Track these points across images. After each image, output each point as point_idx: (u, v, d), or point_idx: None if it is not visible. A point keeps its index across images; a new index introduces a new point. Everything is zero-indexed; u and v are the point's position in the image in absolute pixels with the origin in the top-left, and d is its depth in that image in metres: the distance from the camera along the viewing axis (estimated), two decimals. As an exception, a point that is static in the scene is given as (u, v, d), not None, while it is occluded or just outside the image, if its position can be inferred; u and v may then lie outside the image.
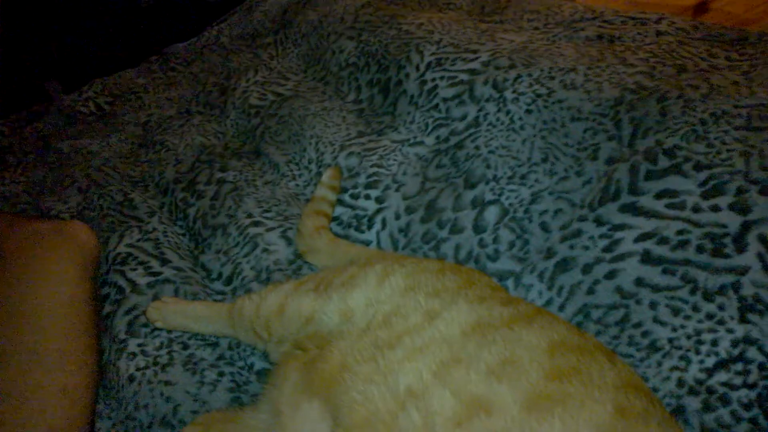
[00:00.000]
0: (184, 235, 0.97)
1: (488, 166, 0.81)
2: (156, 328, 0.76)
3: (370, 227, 0.85)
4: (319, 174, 0.95)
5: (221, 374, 0.71)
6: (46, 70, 1.75)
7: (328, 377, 0.54)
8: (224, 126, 1.21)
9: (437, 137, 0.92)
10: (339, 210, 0.90)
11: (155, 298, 0.80)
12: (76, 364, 0.70)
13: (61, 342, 0.71)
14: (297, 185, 1.00)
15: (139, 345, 0.74)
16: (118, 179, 1.12)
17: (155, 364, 0.72)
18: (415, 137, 0.95)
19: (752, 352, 0.52)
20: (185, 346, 0.74)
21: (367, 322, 0.57)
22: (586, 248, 0.66)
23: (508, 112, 0.86)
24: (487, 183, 0.79)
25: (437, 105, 0.95)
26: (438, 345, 0.50)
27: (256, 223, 0.89)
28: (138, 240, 0.91)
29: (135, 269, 0.85)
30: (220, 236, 0.91)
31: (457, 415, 0.43)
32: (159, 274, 0.84)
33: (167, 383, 0.69)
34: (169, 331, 0.76)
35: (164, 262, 0.87)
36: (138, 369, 0.71)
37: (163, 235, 0.93)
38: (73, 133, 1.34)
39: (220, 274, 0.86)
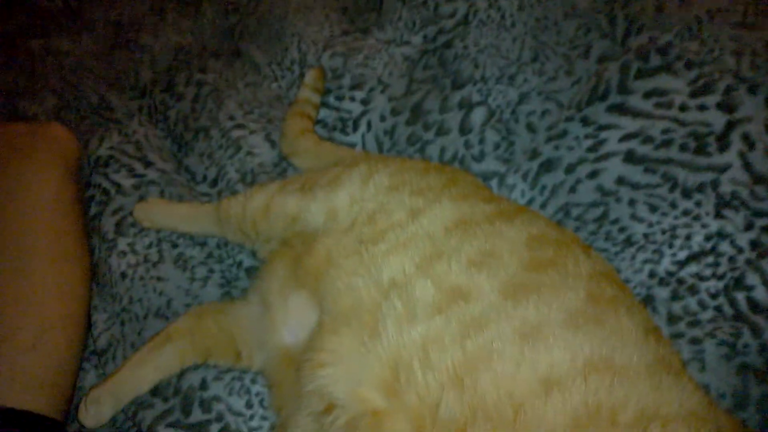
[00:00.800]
0: (165, 137, 0.94)
1: (476, 67, 0.78)
2: (144, 228, 0.77)
3: (355, 129, 0.84)
4: (302, 75, 0.92)
5: (211, 271, 0.73)
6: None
7: (315, 270, 0.55)
8: (201, 25, 1.14)
9: (425, 36, 0.88)
10: (323, 112, 0.87)
11: (141, 199, 0.79)
12: (68, 261, 0.71)
13: (52, 241, 0.71)
14: (279, 87, 0.96)
15: (129, 244, 0.75)
16: (93, 80, 1.07)
17: (146, 261, 0.73)
18: (401, 36, 0.90)
19: (724, 246, 0.54)
20: (174, 245, 0.75)
21: (352, 220, 0.58)
22: (571, 148, 0.66)
23: (499, 9, 0.81)
24: (474, 84, 0.77)
25: (425, 1, 0.89)
26: (421, 240, 0.51)
27: (239, 126, 0.87)
28: (119, 142, 0.89)
29: (118, 171, 0.84)
30: (203, 139, 0.89)
31: (437, 303, 0.45)
32: (143, 176, 0.83)
33: (159, 279, 0.71)
34: (158, 231, 0.77)
35: (147, 164, 0.86)
36: (129, 266, 0.73)
37: (144, 138, 0.91)
38: (42, 33, 1.25)
39: (204, 177, 0.86)
